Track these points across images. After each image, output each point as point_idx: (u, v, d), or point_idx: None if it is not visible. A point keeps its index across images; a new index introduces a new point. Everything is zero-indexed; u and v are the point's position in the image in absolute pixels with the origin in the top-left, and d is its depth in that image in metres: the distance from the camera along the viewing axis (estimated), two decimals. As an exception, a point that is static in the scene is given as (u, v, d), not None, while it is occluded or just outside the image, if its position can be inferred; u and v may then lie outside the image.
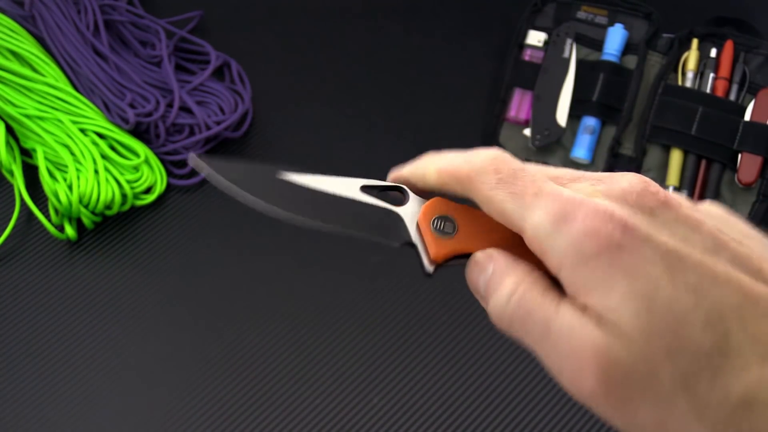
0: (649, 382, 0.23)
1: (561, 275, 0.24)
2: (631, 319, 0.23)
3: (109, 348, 0.53)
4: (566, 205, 0.24)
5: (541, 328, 0.25)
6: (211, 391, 0.51)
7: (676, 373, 0.22)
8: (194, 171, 0.61)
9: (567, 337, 0.24)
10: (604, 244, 0.23)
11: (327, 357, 0.53)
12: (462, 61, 0.67)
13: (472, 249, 0.28)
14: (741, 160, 0.59)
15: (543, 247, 0.25)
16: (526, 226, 0.25)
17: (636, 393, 0.23)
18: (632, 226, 0.23)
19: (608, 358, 0.23)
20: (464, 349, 0.53)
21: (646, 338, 0.23)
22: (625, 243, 0.23)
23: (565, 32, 0.64)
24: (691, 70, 0.62)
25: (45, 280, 0.56)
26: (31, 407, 0.51)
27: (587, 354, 0.23)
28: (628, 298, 0.23)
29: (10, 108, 0.57)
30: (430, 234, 0.29)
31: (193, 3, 0.68)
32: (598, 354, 0.23)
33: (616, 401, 0.23)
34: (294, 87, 0.65)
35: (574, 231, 0.24)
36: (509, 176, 0.26)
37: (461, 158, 0.28)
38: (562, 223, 0.24)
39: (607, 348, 0.23)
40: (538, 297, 0.25)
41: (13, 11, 0.62)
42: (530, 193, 0.25)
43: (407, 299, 0.55)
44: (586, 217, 0.24)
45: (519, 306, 0.26)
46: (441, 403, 0.51)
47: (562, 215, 0.24)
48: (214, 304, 0.55)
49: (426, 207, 0.29)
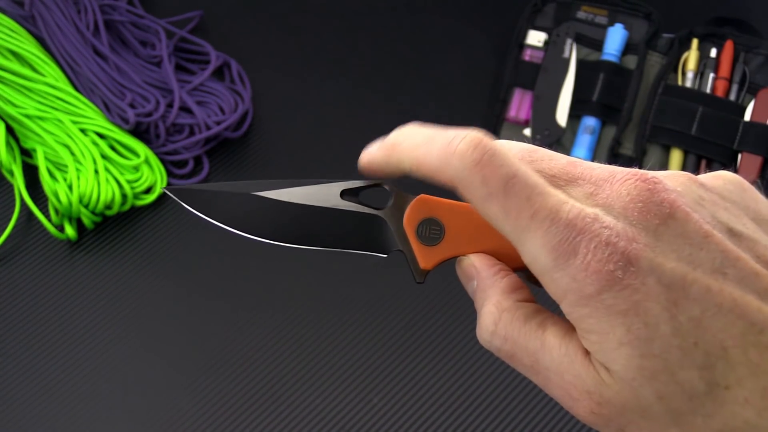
0: (641, 416, 0.23)
1: (562, 307, 0.24)
2: (623, 365, 0.22)
3: (109, 347, 0.53)
4: (566, 235, 0.22)
5: (530, 363, 0.25)
6: (211, 391, 0.51)
7: (668, 412, 0.22)
8: (194, 171, 0.61)
9: (557, 375, 0.24)
10: (605, 286, 0.22)
11: (327, 357, 0.53)
12: (462, 61, 0.67)
13: (462, 252, 0.27)
14: (741, 160, 0.59)
15: (542, 279, 0.23)
16: (524, 251, 0.24)
17: (629, 425, 0.23)
18: (635, 257, 0.22)
19: (600, 398, 0.23)
20: (464, 349, 0.53)
21: (639, 383, 0.22)
22: (627, 281, 0.22)
23: (565, 32, 0.64)
24: (691, 70, 0.62)
25: (45, 280, 0.56)
26: (31, 407, 0.51)
27: (577, 394, 0.23)
28: (623, 343, 0.22)
29: (10, 108, 0.57)
30: (416, 243, 0.27)
31: (193, 3, 0.68)
32: (588, 394, 0.23)
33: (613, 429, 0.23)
34: (294, 87, 0.65)
35: (574, 270, 0.22)
36: (499, 189, 0.23)
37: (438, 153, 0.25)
38: (562, 260, 0.23)
39: (597, 388, 0.23)
40: (521, 329, 0.25)
41: (13, 11, 0.62)
42: (525, 215, 0.23)
43: (407, 299, 0.55)
44: (587, 252, 0.22)
45: (504, 340, 0.25)
46: (441, 403, 0.51)
47: (562, 251, 0.22)
48: (213, 304, 0.55)
49: (408, 212, 0.27)
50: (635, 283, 0.22)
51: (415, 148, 0.26)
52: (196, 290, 0.56)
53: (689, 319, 0.22)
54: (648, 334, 0.22)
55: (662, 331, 0.22)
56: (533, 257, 0.23)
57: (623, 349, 0.22)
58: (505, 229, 0.24)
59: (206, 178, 0.60)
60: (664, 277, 0.22)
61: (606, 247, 0.22)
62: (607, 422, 0.23)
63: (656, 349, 0.22)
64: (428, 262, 0.27)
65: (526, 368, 0.25)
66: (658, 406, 0.22)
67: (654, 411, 0.22)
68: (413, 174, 0.26)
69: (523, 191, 0.23)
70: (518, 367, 0.25)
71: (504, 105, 0.63)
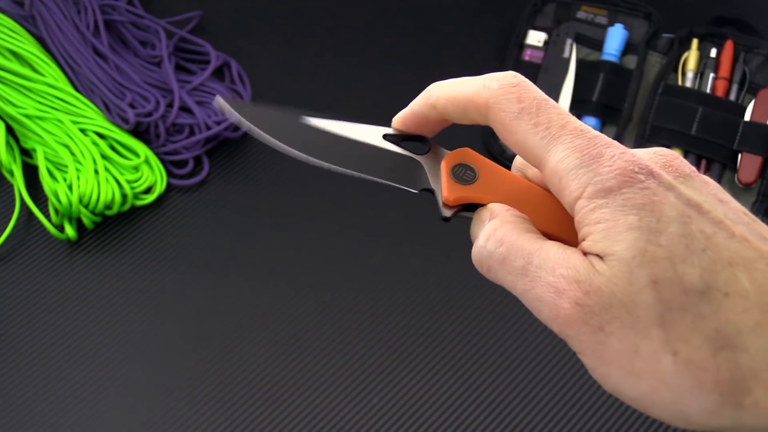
0: (626, 309, 0.22)
1: (575, 207, 0.24)
2: (627, 246, 0.22)
3: (108, 347, 0.53)
4: (595, 143, 0.24)
5: (522, 264, 0.24)
6: (211, 391, 0.51)
7: (657, 303, 0.22)
8: (194, 171, 0.61)
9: (548, 271, 0.24)
10: (627, 182, 0.23)
11: (327, 357, 0.53)
12: (462, 61, 0.67)
13: (486, 200, 0.28)
14: (741, 160, 0.59)
15: (563, 182, 0.24)
16: (550, 158, 0.24)
17: (612, 321, 0.23)
18: (657, 174, 0.23)
19: (588, 286, 0.23)
20: (464, 350, 0.53)
21: (638, 262, 0.22)
22: (649, 185, 0.23)
23: (565, 32, 0.64)
24: (691, 70, 0.62)
25: (45, 280, 0.56)
26: (31, 406, 0.51)
27: (566, 284, 0.23)
28: (632, 228, 0.22)
29: (10, 108, 0.57)
30: (447, 178, 0.29)
31: (193, 3, 0.68)
32: (577, 283, 0.23)
33: (590, 329, 0.23)
34: (294, 87, 0.65)
35: (600, 168, 0.23)
36: (532, 106, 0.25)
37: (476, 83, 0.26)
38: (589, 160, 0.23)
39: (588, 276, 0.23)
40: (520, 234, 0.25)
41: (13, 11, 0.62)
42: (557, 125, 0.24)
43: (407, 299, 0.55)
44: (614, 156, 0.23)
45: (500, 243, 0.25)
46: (441, 403, 0.51)
47: (590, 154, 0.24)
48: (213, 304, 0.55)
49: (451, 153, 0.29)
50: (655, 188, 0.23)
51: (452, 83, 0.28)
52: (195, 290, 0.56)
53: (701, 231, 0.23)
54: (658, 227, 0.22)
55: (672, 230, 0.22)
56: (559, 160, 0.24)
57: (631, 233, 0.22)
58: (532, 140, 0.25)
59: (206, 178, 0.60)
60: (683, 197, 0.23)
61: (632, 159, 0.23)
62: (588, 317, 0.23)
63: (663, 240, 0.22)
64: (451, 196, 0.28)
65: (515, 271, 0.25)
66: (649, 294, 0.22)
67: (642, 301, 0.22)
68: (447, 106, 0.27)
69: (556, 109, 0.25)
70: (507, 271, 0.25)
71: (504, 105, 0.63)
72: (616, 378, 0.23)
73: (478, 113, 0.26)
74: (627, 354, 0.23)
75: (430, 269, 0.55)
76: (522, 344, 0.53)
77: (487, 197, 0.28)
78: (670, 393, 0.22)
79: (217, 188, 0.60)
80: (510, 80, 0.26)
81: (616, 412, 0.50)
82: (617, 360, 0.23)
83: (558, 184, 0.24)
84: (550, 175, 0.24)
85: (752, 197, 0.59)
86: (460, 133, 0.66)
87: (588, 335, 0.23)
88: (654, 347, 0.22)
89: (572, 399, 0.51)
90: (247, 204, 0.60)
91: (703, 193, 0.24)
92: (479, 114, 0.26)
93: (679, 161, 0.25)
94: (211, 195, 0.60)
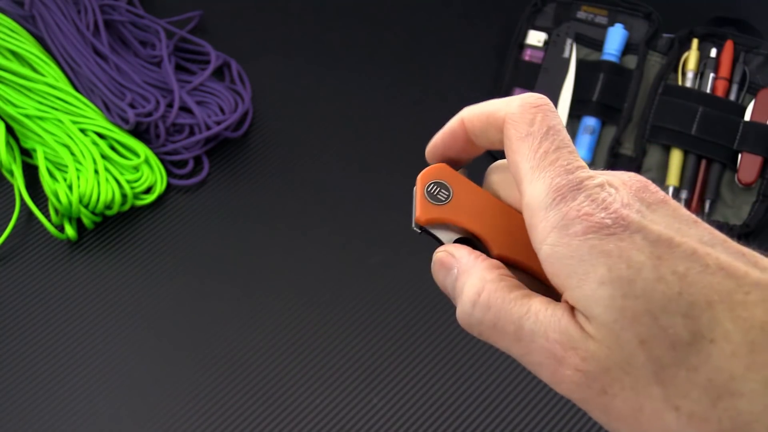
0: (624, 371, 0.22)
1: (542, 250, 0.24)
2: (605, 307, 0.22)
3: (108, 347, 0.53)
4: (572, 185, 0.24)
5: (514, 330, 0.24)
6: (211, 391, 0.51)
7: (650, 362, 0.22)
8: (194, 171, 0.61)
9: (541, 337, 0.24)
10: (593, 228, 0.23)
11: (327, 357, 0.53)
12: (462, 61, 0.67)
13: (457, 222, 0.28)
14: (741, 160, 0.59)
15: (534, 219, 0.24)
16: (528, 191, 0.25)
17: (613, 383, 0.23)
18: (626, 216, 0.23)
19: (585, 352, 0.23)
20: (464, 350, 0.53)
21: (620, 325, 0.22)
22: (615, 230, 0.23)
23: (565, 32, 0.64)
24: (691, 70, 0.62)
25: (45, 280, 0.56)
26: (31, 406, 0.51)
27: (563, 351, 0.23)
28: (604, 283, 0.22)
29: (10, 108, 0.57)
30: (420, 196, 0.28)
31: (193, 3, 0.68)
32: (574, 350, 0.23)
33: (595, 393, 0.23)
34: (294, 87, 0.65)
35: (567, 210, 0.23)
36: (540, 131, 0.25)
37: (502, 101, 0.27)
38: (560, 201, 0.23)
39: (582, 342, 0.23)
40: (505, 297, 0.25)
41: (13, 11, 0.62)
42: (549, 159, 0.25)
43: (407, 299, 0.55)
44: (584, 200, 0.23)
45: (487, 308, 0.25)
46: (441, 404, 0.51)
47: (562, 193, 0.24)
48: (213, 304, 0.55)
49: (427, 170, 0.29)
50: (622, 234, 0.23)
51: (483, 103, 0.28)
52: (195, 290, 0.56)
53: (673, 272, 0.22)
54: (630, 275, 0.22)
55: (645, 275, 0.22)
56: (534, 194, 0.24)
57: (604, 289, 0.22)
58: (523, 165, 0.25)
59: (206, 178, 0.60)
60: (651, 235, 0.23)
61: (602, 203, 0.23)
62: (591, 382, 0.23)
63: (638, 290, 0.22)
64: (422, 216, 0.28)
65: (507, 336, 0.25)
66: (640, 354, 0.22)
67: (636, 362, 0.22)
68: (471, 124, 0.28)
69: (560, 142, 0.25)
70: (499, 337, 0.25)
71: (504, 105, 0.63)
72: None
73: (497, 130, 0.27)
74: (632, 413, 0.23)
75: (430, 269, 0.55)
76: (522, 344, 0.53)
77: (457, 219, 0.28)
78: None
79: (217, 188, 0.60)
80: (532, 101, 0.26)
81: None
82: (624, 418, 0.23)
83: (529, 220, 0.24)
84: (524, 208, 0.25)
85: (752, 197, 0.59)
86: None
87: (593, 398, 0.23)
88: (656, 405, 0.22)
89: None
90: (247, 204, 0.60)
91: (677, 219, 0.24)
92: (497, 131, 0.27)
93: (653, 187, 0.25)
94: (211, 195, 0.60)
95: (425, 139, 0.69)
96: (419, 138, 0.62)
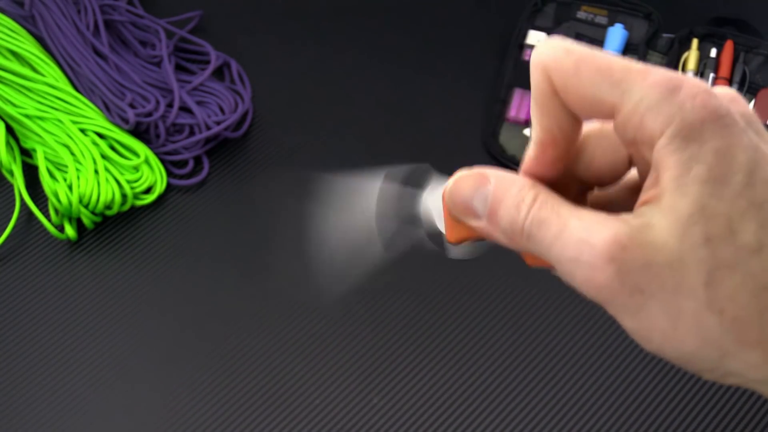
0: (672, 268, 0.22)
1: (655, 148, 0.22)
2: (691, 201, 0.22)
3: (109, 347, 0.53)
4: (673, 77, 0.23)
5: (558, 227, 0.23)
6: (211, 391, 0.51)
7: (707, 261, 0.22)
8: (194, 171, 0.61)
9: (587, 230, 0.23)
10: (709, 115, 0.22)
11: (326, 357, 0.53)
12: (462, 61, 0.67)
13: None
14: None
15: (644, 120, 0.23)
16: (627, 99, 0.23)
17: (651, 282, 0.22)
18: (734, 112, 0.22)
19: (630, 239, 0.22)
20: (464, 350, 0.53)
21: (694, 220, 0.22)
22: (728, 120, 0.22)
23: (565, 32, 0.64)
24: (691, 70, 0.62)
25: (45, 280, 0.56)
26: (31, 406, 0.51)
27: (608, 241, 0.22)
28: (700, 181, 0.22)
29: (10, 108, 0.57)
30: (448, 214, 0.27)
31: (193, 3, 0.68)
32: (616, 235, 0.22)
33: (628, 292, 0.22)
34: (294, 87, 0.65)
35: (682, 97, 0.22)
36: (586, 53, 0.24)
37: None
38: (672, 92, 0.22)
39: (631, 231, 0.22)
40: (557, 200, 0.24)
41: (13, 11, 0.62)
42: (622, 68, 0.23)
43: (407, 299, 0.55)
44: (693, 87, 0.22)
45: (540, 209, 0.24)
46: (441, 404, 0.51)
47: (671, 85, 0.22)
48: (213, 304, 0.55)
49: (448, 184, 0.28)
50: (733, 125, 0.22)
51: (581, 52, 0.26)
52: (196, 290, 0.56)
53: (764, 181, 0.22)
54: (727, 176, 0.22)
55: (738, 179, 0.22)
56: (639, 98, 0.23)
57: (697, 187, 0.22)
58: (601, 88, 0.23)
59: (206, 178, 0.60)
60: (753, 140, 0.22)
61: (709, 91, 0.22)
62: (624, 275, 0.22)
63: (727, 193, 0.22)
64: (454, 236, 0.27)
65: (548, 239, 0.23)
66: (700, 251, 0.22)
67: (691, 260, 0.22)
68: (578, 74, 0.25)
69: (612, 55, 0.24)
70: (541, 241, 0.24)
71: (504, 105, 0.63)
72: (659, 341, 0.23)
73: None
74: (669, 316, 0.22)
75: (430, 269, 0.55)
76: (523, 343, 0.53)
77: None
78: (715, 351, 0.22)
79: (217, 188, 0.60)
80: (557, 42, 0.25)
81: (616, 411, 0.50)
82: (659, 323, 0.22)
83: (638, 124, 0.23)
84: (629, 116, 0.23)
85: (752, 197, 0.59)
86: (459, 133, 0.66)
87: (625, 298, 0.22)
88: (698, 306, 0.22)
89: (573, 399, 0.51)
90: (247, 204, 0.60)
91: (765, 138, 0.23)
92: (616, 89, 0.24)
93: (744, 101, 0.24)
94: (211, 195, 0.60)
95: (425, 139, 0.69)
96: (419, 138, 0.63)
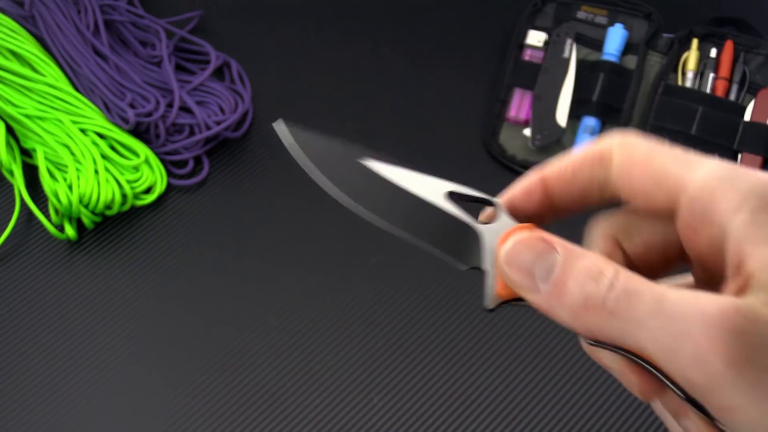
0: None
1: (734, 221, 0.22)
2: None
3: (109, 347, 0.53)
4: (729, 164, 0.23)
5: (653, 299, 0.21)
6: (211, 391, 0.51)
7: None
8: (194, 171, 0.61)
9: (695, 300, 0.21)
10: None
11: (327, 357, 0.53)
12: (462, 61, 0.67)
13: None
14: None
15: (716, 195, 0.22)
16: (694, 176, 0.23)
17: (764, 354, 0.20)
18: None
19: (745, 319, 0.20)
20: (464, 350, 0.53)
21: None
22: None
23: (565, 32, 0.64)
24: (691, 70, 0.62)
25: (45, 280, 0.56)
26: (31, 406, 0.51)
27: (717, 320, 0.20)
28: None
29: (10, 108, 0.57)
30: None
31: (193, 3, 0.68)
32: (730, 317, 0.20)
33: (752, 379, 0.20)
34: (294, 87, 0.65)
35: (750, 177, 0.22)
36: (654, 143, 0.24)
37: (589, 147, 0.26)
38: (734, 173, 0.22)
39: (746, 308, 0.20)
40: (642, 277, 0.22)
41: (13, 11, 0.62)
42: (692, 155, 0.24)
43: (407, 299, 0.55)
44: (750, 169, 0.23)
45: (628, 280, 0.22)
46: (441, 404, 0.51)
47: (731, 168, 0.22)
48: (213, 304, 0.55)
49: (509, 233, 0.24)
50: None
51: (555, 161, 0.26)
52: (195, 290, 0.56)
53: None
54: None
55: None
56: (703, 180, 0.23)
57: None
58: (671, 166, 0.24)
59: (206, 178, 0.60)
60: None
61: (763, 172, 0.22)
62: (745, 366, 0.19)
63: None
64: (508, 292, 0.24)
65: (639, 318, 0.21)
66: None
67: None
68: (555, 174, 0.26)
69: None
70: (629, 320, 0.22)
71: (504, 105, 0.63)
72: None
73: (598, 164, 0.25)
74: None
75: (430, 269, 0.55)
76: (523, 344, 0.53)
77: None
78: None
79: (217, 188, 0.60)
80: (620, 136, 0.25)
81: (616, 410, 0.50)
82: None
83: (709, 199, 0.22)
84: (698, 192, 0.23)
85: (752, 197, 0.59)
86: (459, 133, 0.66)
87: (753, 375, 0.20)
88: None
89: (573, 399, 0.51)
90: (247, 204, 0.60)
91: None
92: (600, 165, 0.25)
93: None
94: (211, 195, 0.60)
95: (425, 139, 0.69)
96: (419, 138, 0.63)
